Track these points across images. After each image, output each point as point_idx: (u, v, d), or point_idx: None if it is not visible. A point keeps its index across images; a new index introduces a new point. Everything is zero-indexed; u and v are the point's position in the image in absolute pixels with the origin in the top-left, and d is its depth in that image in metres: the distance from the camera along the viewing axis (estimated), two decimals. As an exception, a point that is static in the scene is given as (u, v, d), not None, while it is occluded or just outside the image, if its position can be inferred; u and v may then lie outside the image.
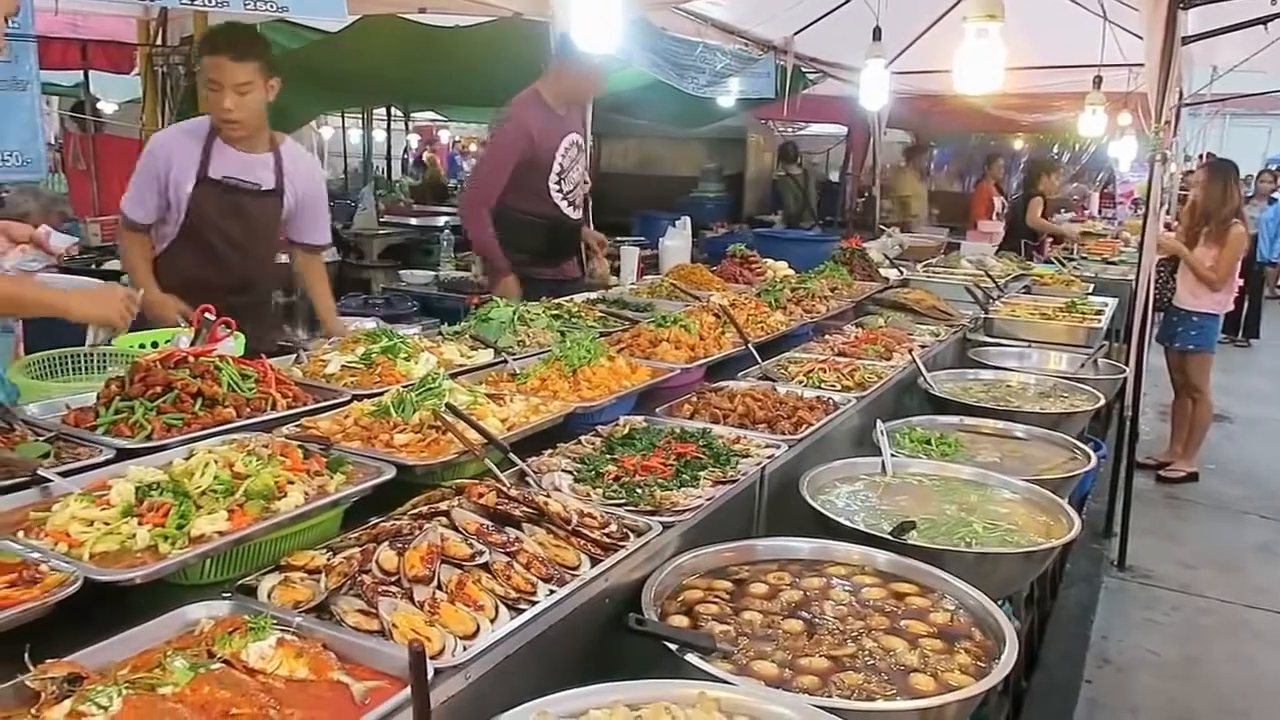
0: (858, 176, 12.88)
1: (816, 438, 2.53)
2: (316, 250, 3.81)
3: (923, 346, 3.78)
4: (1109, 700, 3.83)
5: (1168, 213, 9.67)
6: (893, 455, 2.54)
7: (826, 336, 3.80)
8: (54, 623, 1.31)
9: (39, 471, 1.68)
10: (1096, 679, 3.98)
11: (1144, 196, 6.94)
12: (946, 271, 6.12)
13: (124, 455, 1.83)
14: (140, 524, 1.49)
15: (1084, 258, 8.19)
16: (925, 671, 1.56)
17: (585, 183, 4.84)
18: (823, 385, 3.03)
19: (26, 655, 1.21)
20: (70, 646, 1.27)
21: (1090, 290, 5.89)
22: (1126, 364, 4.93)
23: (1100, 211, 14.26)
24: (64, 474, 1.69)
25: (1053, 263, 7.36)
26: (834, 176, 14.97)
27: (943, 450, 2.80)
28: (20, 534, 1.49)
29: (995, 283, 5.37)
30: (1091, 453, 2.80)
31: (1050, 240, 8.62)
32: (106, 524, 1.49)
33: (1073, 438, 2.97)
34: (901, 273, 5.69)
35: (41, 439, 1.88)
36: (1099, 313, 4.94)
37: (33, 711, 1.15)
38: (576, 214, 4.62)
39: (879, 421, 2.64)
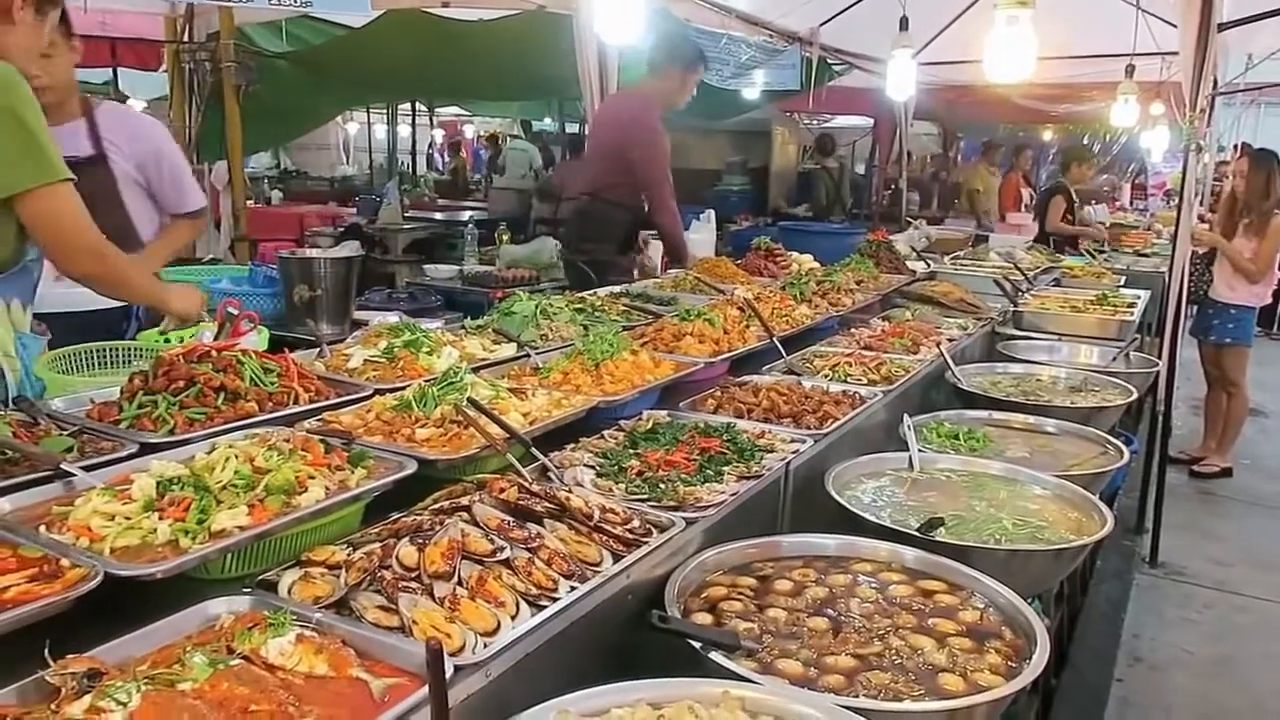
0: (884, 168, 12.78)
1: (842, 432, 2.49)
2: (192, 217, 3.57)
3: (950, 340, 3.72)
4: (1141, 699, 3.77)
5: (1201, 204, 9.51)
6: (920, 450, 2.51)
7: (852, 330, 3.75)
8: (74, 617, 1.30)
9: (62, 465, 1.69)
10: (1128, 677, 3.91)
11: (1176, 187, 6.81)
12: (974, 264, 6.04)
13: (147, 449, 1.83)
14: (161, 518, 1.48)
15: (1115, 250, 8.06)
16: (954, 671, 1.53)
17: None
18: (849, 379, 2.99)
19: (47, 650, 1.21)
20: (90, 641, 1.27)
21: (1121, 283, 5.80)
22: (1159, 358, 4.85)
23: (1131, 203, 14.06)
24: (87, 468, 1.69)
25: (1083, 255, 7.26)
26: (859, 169, 14.89)
27: (971, 445, 2.76)
28: (43, 528, 1.49)
29: (1024, 275, 5.29)
30: (1124, 448, 2.75)
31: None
32: (128, 518, 1.49)
33: (1104, 432, 2.92)
34: (928, 265, 5.62)
35: (65, 433, 1.88)
36: (1131, 305, 4.86)
37: (52, 707, 1.14)
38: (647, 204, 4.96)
39: (906, 416, 2.60)
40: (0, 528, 1.47)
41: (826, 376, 3.01)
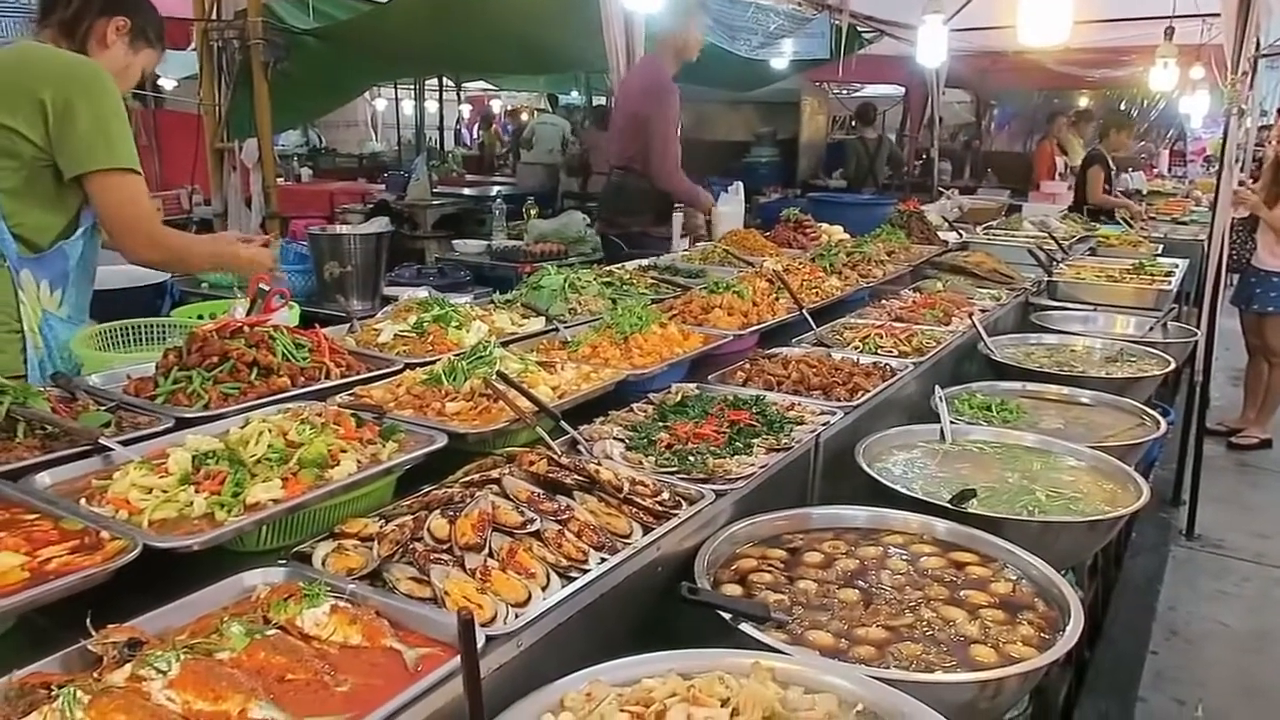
0: (915, 138, 12.60)
1: (873, 404, 2.47)
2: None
3: (983, 311, 3.68)
4: (1176, 673, 3.73)
5: (1242, 170, 9.28)
6: (952, 422, 2.48)
7: (883, 301, 3.72)
8: (113, 588, 1.33)
9: (100, 440, 1.71)
10: (1163, 650, 3.87)
11: (1216, 154, 6.64)
12: (1007, 234, 5.95)
13: (182, 424, 1.86)
14: (197, 492, 1.51)
15: (1152, 218, 7.90)
16: (986, 643, 1.52)
17: None
18: (879, 351, 2.96)
19: (88, 620, 1.23)
20: (128, 611, 1.29)
21: (1159, 251, 5.68)
22: (1197, 327, 4.76)
23: (1169, 170, 13.76)
24: (124, 443, 1.72)
25: (1119, 224, 7.12)
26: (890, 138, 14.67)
27: (1004, 417, 2.73)
28: (82, 501, 1.52)
29: (1059, 245, 5.20)
30: (1161, 419, 2.71)
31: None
32: (165, 491, 1.51)
33: (1141, 404, 2.88)
34: (961, 235, 5.55)
35: (103, 408, 1.91)
36: (1169, 274, 4.76)
37: (95, 675, 1.17)
38: None
39: (937, 388, 2.58)
40: (41, 501, 1.50)
41: (857, 348, 2.99)
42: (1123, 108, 14.28)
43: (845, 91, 14.27)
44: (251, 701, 1.13)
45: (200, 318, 2.61)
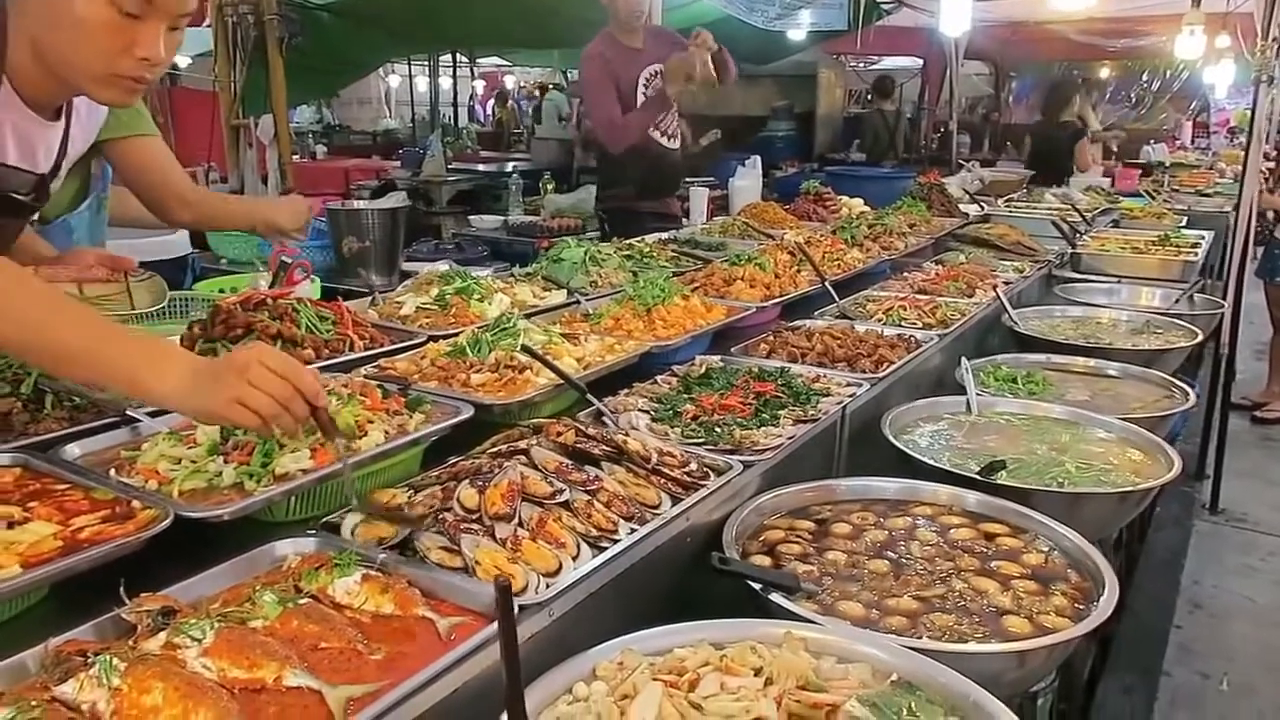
0: (934, 110, 12.46)
1: (898, 376, 2.45)
2: None
3: (1007, 283, 3.63)
4: (1200, 647, 3.71)
5: (1267, 141, 9.12)
6: (977, 394, 2.46)
7: (905, 274, 3.68)
8: (143, 557, 1.33)
9: (128, 411, 1.72)
10: (1187, 624, 3.85)
11: (1240, 125, 6.54)
12: (1029, 206, 5.88)
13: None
14: (226, 462, 1.50)
15: (1175, 190, 7.79)
16: (1019, 614, 1.50)
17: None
18: (903, 323, 2.94)
19: (122, 589, 1.23)
20: (158, 580, 1.29)
21: (1183, 224, 5.61)
22: (1223, 300, 4.69)
23: (1192, 141, 13.56)
24: (151, 414, 1.72)
25: (1141, 196, 7.03)
26: (906, 111, 14.52)
27: (1030, 389, 2.70)
28: (112, 472, 1.52)
29: (1082, 216, 5.14)
30: (1190, 390, 2.67)
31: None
32: (194, 462, 1.51)
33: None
34: (982, 208, 5.48)
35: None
36: (1195, 246, 4.70)
37: (130, 643, 1.17)
38: (673, 144, 4.68)
39: (964, 359, 2.55)
40: (72, 471, 1.51)
41: (880, 320, 2.96)
42: (1145, 79, 14.08)
43: (862, 65, 14.12)
44: (286, 669, 1.13)
45: (222, 291, 2.60)
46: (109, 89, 1.58)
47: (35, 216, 2.13)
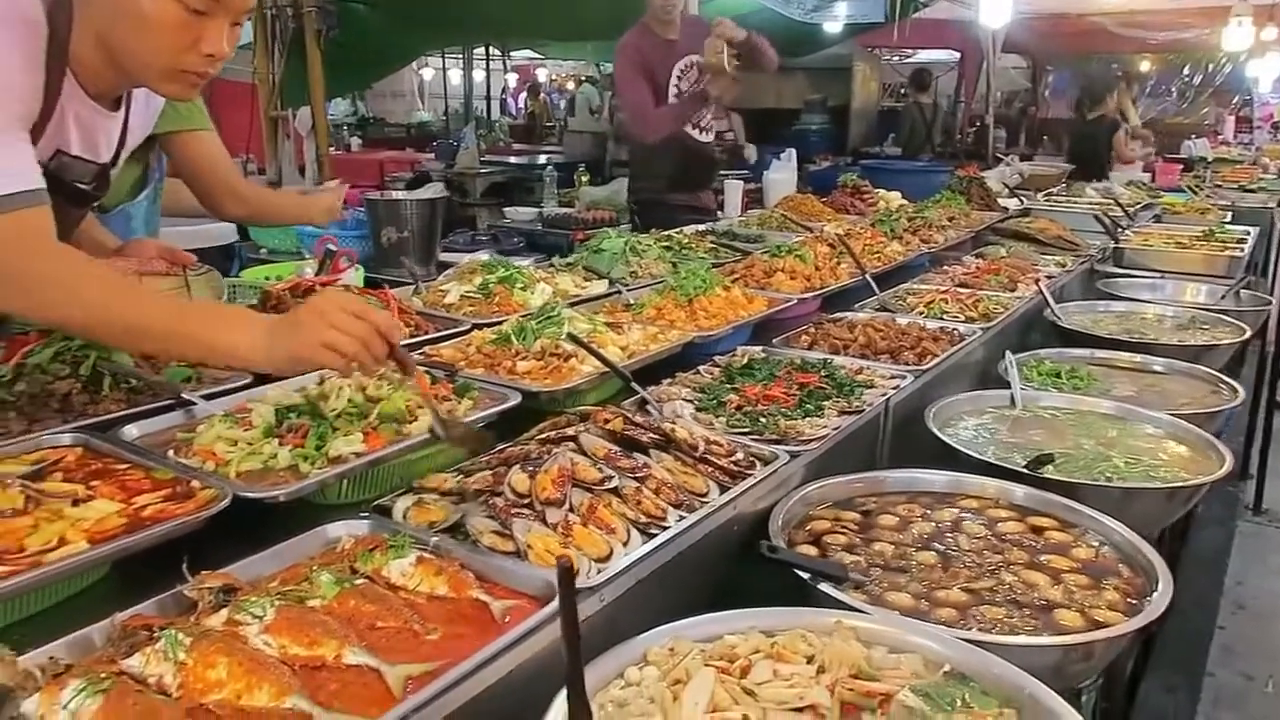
0: (970, 104, 12.33)
1: (941, 369, 2.44)
2: None
3: (1049, 277, 3.59)
4: (1244, 647, 3.64)
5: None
6: (1021, 389, 2.43)
7: (945, 267, 3.65)
8: (198, 536, 1.35)
9: (183, 394, 1.74)
10: (1230, 625, 3.79)
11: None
12: (1070, 200, 5.81)
13: (259, 380, 1.88)
14: (281, 444, 1.52)
15: (1218, 185, 7.66)
16: (1071, 607, 1.49)
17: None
18: (945, 316, 2.91)
19: (184, 566, 1.25)
20: (211, 559, 1.31)
21: (1227, 219, 5.51)
22: (1270, 295, 4.61)
23: (1235, 136, 13.32)
24: (206, 396, 1.74)
25: (1183, 191, 6.92)
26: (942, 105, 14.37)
27: (1074, 384, 2.67)
28: (170, 453, 1.55)
29: (1125, 211, 5.07)
30: (1238, 386, 2.63)
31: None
32: (250, 444, 1.53)
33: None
34: (1021, 202, 5.43)
35: (183, 364, 1.94)
36: (1241, 241, 4.62)
37: (193, 619, 1.19)
38: (706, 137, 4.64)
39: (1008, 353, 2.53)
40: (132, 452, 1.53)
41: (921, 313, 2.94)
42: (1187, 72, 13.84)
43: (897, 58, 13.99)
44: (345, 647, 1.15)
45: (268, 279, 2.64)
46: (173, 83, 1.61)
47: (95, 205, 2.18)
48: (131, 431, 1.62)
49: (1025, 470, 1.93)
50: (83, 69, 1.61)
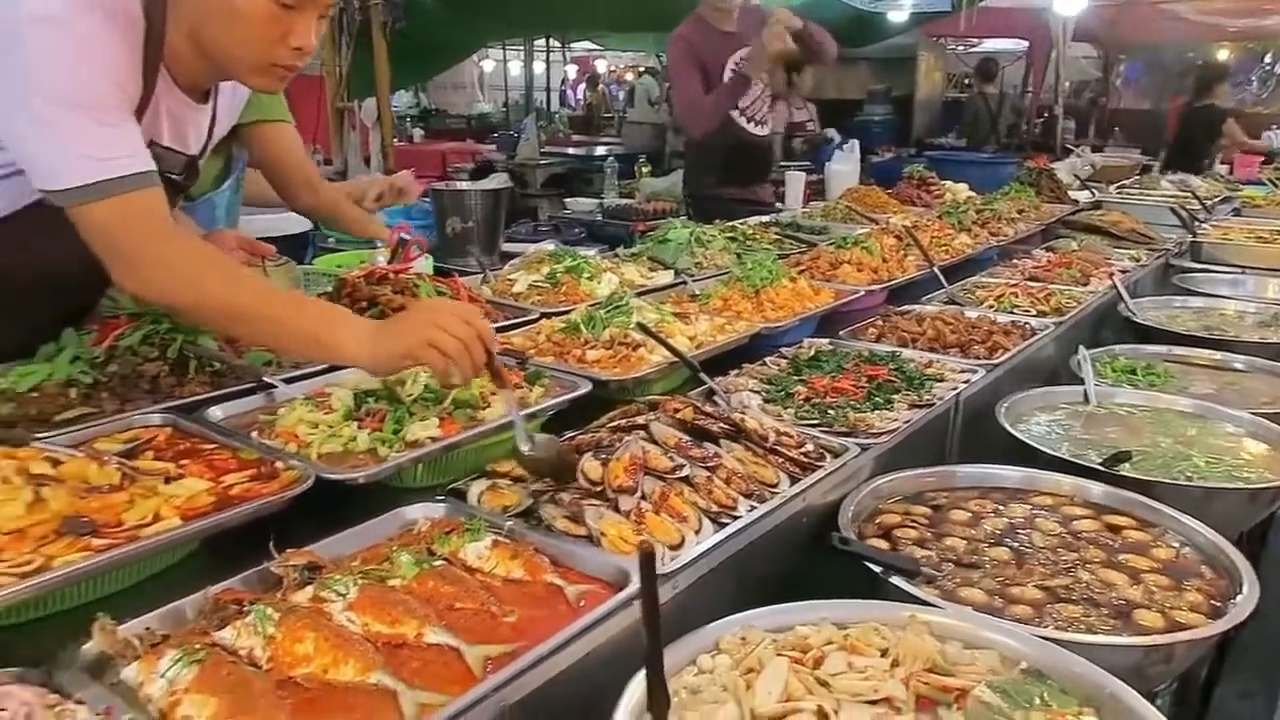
0: (1038, 94, 12.05)
1: (1012, 364, 2.40)
2: None
3: (1123, 271, 3.51)
4: (1322, 655, 3.53)
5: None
6: (1096, 385, 2.38)
7: (1014, 260, 3.59)
8: (278, 515, 1.39)
9: (264, 378, 1.79)
10: (1308, 632, 3.67)
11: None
12: (1143, 193, 5.65)
13: (336, 365, 1.92)
14: (360, 428, 1.56)
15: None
16: (1151, 608, 1.46)
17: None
18: (1015, 310, 2.86)
19: (271, 544, 1.29)
20: (289, 538, 1.34)
21: (1312, 212, 5.32)
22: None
23: (1318, 127, 12.80)
24: (287, 380, 1.79)
25: (1264, 184, 6.68)
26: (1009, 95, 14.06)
27: (1150, 381, 2.61)
28: (254, 434, 1.59)
29: (1202, 204, 4.92)
30: (1327, 386, 2.54)
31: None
32: (330, 427, 1.57)
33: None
34: (1093, 194, 5.29)
35: (263, 348, 1.99)
36: (1325, 236, 4.45)
37: (279, 595, 1.23)
38: (761, 130, 4.55)
39: (1081, 348, 2.47)
40: (218, 432, 1.58)
41: (991, 307, 2.89)
42: (1269, 60, 13.35)
43: (963, 48, 13.72)
44: (426, 626, 1.17)
45: (340, 267, 2.69)
46: (263, 77, 1.65)
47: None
48: (216, 413, 1.67)
49: (1101, 468, 1.89)
50: (175, 62, 1.66)
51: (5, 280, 1.76)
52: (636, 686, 1.10)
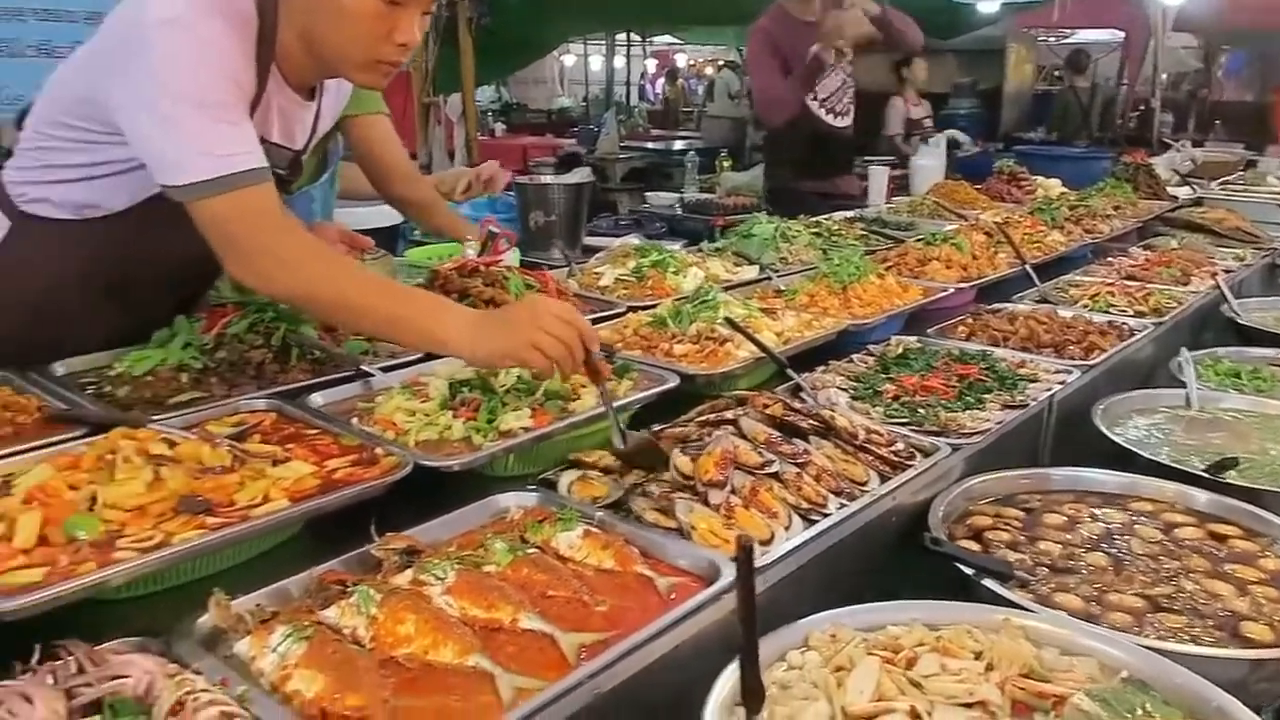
0: (1133, 86, 11.62)
1: (1109, 365, 2.33)
2: None
3: (1227, 271, 3.37)
4: None
5: None
6: (1198, 388, 2.30)
7: (1110, 259, 3.47)
8: (379, 500, 1.42)
9: (362, 366, 1.85)
10: None
11: None
12: (1248, 189, 5.41)
13: (430, 355, 1.97)
14: (455, 417, 1.60)
15: None
16: (1259, 620, 1.40)
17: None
18: (1111, 309, 2.77)
19: (373, 527, 1.33)
20: (391, 523, 1.37)
21: None
22: None
23: None
24: (385, 369, 1.84)
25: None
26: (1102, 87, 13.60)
27: (1256, 385, 2.50)
28: (354, 420, 1.64)
29: (1313, 201, 4.69)
30: None
31: None
32: (426, 415, 1.61)
33: None
34: (1194, 191, 5.09)
35: (360, 337, 2.05)
36: None
37: (380, 577, 1.26)
38: (841, 122, 4.52)
39: (1183, 350, 2.39)
40: (320, 419, 1.64)
41: (1086, 306, 2.81)
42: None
43: (1054, 38, 13.31)
44: (521, 612, 1.20)
45: (430, 259, 2.75)
46: (369, 73, 1.70)
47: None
48: (317, 399, 1.73)
49: (1204, 474, 1.83)
50: (285, 61, 1.72)
51: (123, 269, 1.85)
52: (728, 679, 1.11)
